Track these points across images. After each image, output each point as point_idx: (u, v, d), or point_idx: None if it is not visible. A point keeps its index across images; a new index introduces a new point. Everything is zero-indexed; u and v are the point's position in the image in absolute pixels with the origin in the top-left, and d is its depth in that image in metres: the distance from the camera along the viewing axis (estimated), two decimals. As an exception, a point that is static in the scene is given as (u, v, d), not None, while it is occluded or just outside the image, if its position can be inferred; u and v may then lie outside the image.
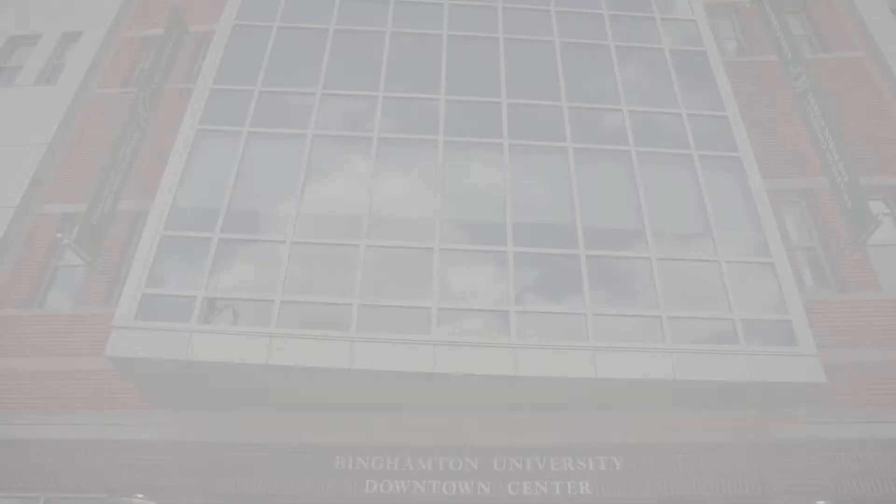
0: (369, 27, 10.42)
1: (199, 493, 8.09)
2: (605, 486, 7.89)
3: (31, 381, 9.39)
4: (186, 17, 11.83)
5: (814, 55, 11.59)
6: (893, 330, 8.76)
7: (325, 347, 7.33)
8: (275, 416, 8.45)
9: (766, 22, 11.27)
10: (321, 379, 7.61)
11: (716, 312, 7.99)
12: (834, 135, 9.21)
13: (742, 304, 8.01)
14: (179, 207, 8.48)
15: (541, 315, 7.83)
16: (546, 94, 9.68)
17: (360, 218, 8.32)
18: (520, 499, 7.94)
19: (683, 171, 9.10)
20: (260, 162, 9.02)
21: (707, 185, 8.85)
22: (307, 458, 8.22)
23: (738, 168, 9.09)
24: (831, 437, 8.05)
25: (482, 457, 8.11)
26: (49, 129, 11.47)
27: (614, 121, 9.54)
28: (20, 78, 12.60)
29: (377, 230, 8.26)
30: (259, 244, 8.28)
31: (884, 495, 7.79)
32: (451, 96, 9.56)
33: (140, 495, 7.85)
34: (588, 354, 7.42)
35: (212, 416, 8.53)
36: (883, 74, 11.19)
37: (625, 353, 7.51)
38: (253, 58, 10.00)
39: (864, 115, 10.68)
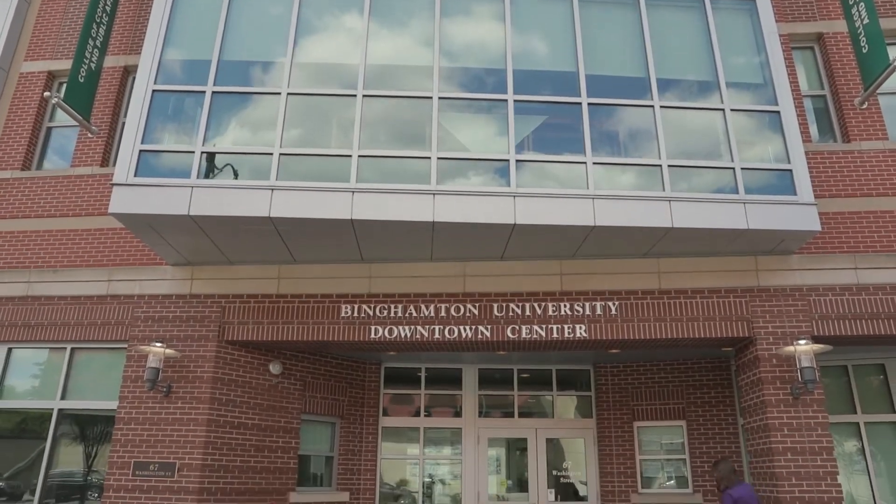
0: None
1: (213, 342, 8.52)
2: (600, 329, 8.25)
3: (40, 241, 9.63)
4: None
5: None
6: (894, 179, 8.78)
7: (325, 199, 7.38)
8: (282, 268, 8.74)
9: None
10: (323, 230, 7.74)
11: (716, 161, 7.96)
12: (856, -27, 8.70)
13: (744, 153, 7.97)
14: (168, 60, 8.18)
15: (541, 164, 7.80)
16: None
17: (357, 69, 8.05)
18: (519, 342, 8.35)
19: (693, 15, 8.66)
20: (250, 10, 8.57)
21: (717, 30, 8.46)
22: (314, 307, 8.58)
23: (751, 11, 8.65)
24: (821, 283, 8.29)
25: (483, 303, 8.42)
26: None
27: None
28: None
29: (374, 81, 8.02)
30: (254, 97, 8.07)
31: (870, 336, 8.14)
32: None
33: (158, 344, 8.26)
34: (587, 203, 7.48)
35: (221, 270, 8.81)
36: None
37: (624, 201, 7.57)
38: None
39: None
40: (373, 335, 8.36)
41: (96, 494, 8.48)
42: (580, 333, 8.22)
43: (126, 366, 8.59)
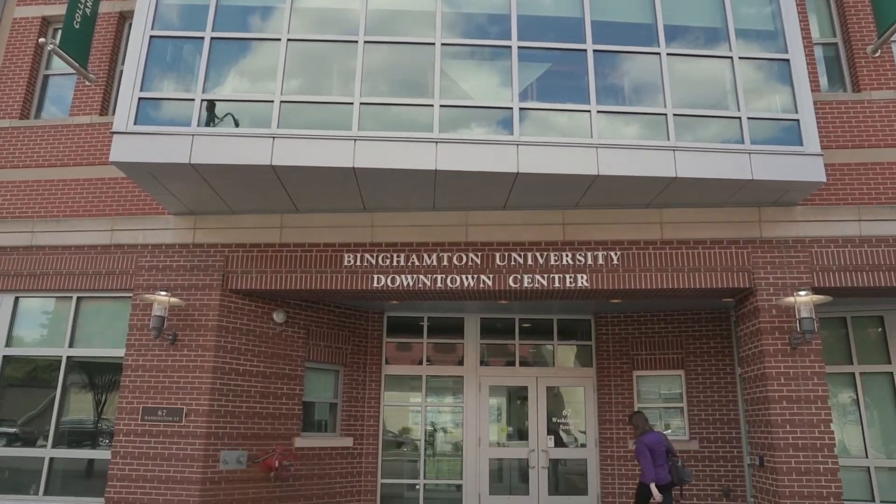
0: None
1: (217, 290, 8.59)
2: (601, 279, 8.28)
3: (42, 191, 9.62)
4: None
5: None
6: (902, 129, 8.68)
7: (327, 147, 7.32)
8: (284, 217, 8.74)
9: None
10: (325, 179, 7.71)
11: (723, 111, 7.86)
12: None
13: (751, 103, 7.85)
14: (165, 5, 7.99)
15: (544, 112, 7.70)
16: None
17: (358, 14, 7.87)
18: (520, 291, 8.40)
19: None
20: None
21: (729, -27, 8.23)
22: (317, 256, 8.61)
23: (764, -47, 8.40)
24: (823, 235, 8.27)
25: (485, 252, 8.44)
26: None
27: None
28: None
29: (376, 28, 7.85)
30: (254, 43, 7.92)
31: (870, 288, 8.16)
32: None
33: (163, 293, 8.33)
34: (590, 152, 7.42)
35: (223, 219, 8.82)
36: None
37: (627, 150, 7.50)
38: None
39: None
40: (375, 284, 8.42)
41: (107, 441, 8.69)
42: (582, 283, 8.27)
43: (132, 314, 8.69)
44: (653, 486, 7.56)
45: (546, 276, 8.32)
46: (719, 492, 9.56)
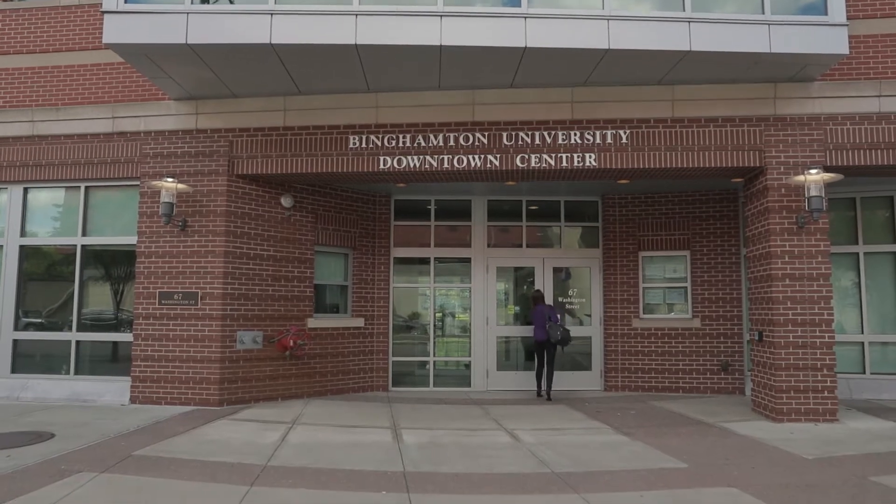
0: None
1: (224, 176, 8.58)
2: (610, 158, 8.19)
3: (37, 79, 9.41)
4: None
5: None
6: (933, -4, 8.21)
7: (328, 23, 7.03)
8: (287, 99, 8.56)
9: None
10: (327, 58, 7.47)
11: (744, -23, 7.43)
12: None
13: (775, -32, 7.40)
14: None
15: (555, -19, 7.32)
16: None
17: None
18: (528, 171, 8.34)
19: None
20: None
21: None
22: (322, 138, 8.51)
23: None
24: (840, 112, 8.05)
25: (492, 132, 8.31)
26: None
27: None
28: None
29: None
30: None
31: (884, 166, 8.03)
32: None
33: (169, 179, 8.34)
34: (601, 24, 7.09)
35: (225, 103, 8.66)
36: None
37: (640, 22, 7.17)
38: None
39: None
40: (381, 166, 8.36)
41: (128, 330, 9.00)
42: (590, 162, 8.19)
43: (140, 202, 8.75)
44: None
45: (554, 155, 8.23)
46: (718, 366, 9.94)
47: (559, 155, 8.21)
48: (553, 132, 8.25)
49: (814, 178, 7.68)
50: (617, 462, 5.75)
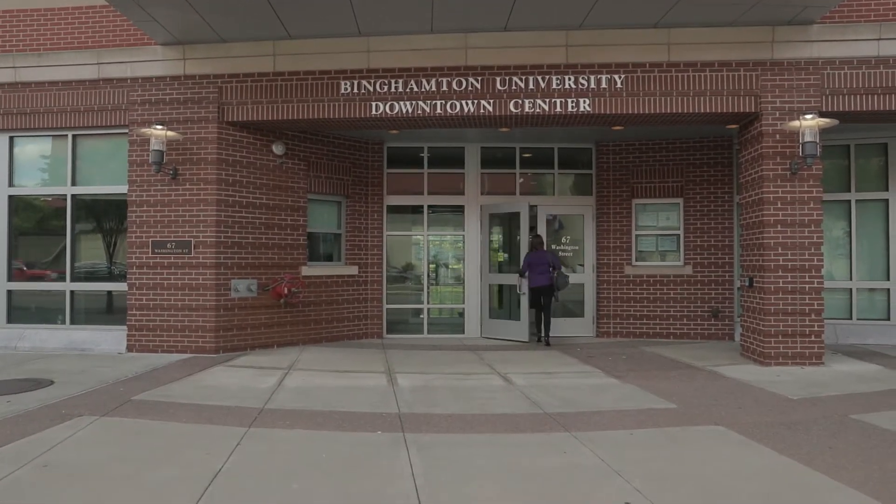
0: None
1: (214, 123, 8.46)
2: (604, 103, 8.09)
3: (17, 23, 9.16)
4: None
5: None
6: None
7: (316, -38, 6.83)
8: (277, 43, 8.36)
9: None
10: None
11: (745, -85, 7.21)
12: None
13: None
14: None
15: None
16: None
17: None
18: (521, 117, 8.24)
19: None
20: None
21: None
22: (312, 84, 8.36)
23: None
24: (838, 56, 7.93)
25: (485, 76, 8.17)
26: None
27: None
28: None
29: None
30: None
31: (881, 112, 7.97)
32: None
33: (159, 126, 8.21)
34: (599, -37, 6.92)
35: (214, 48, 8.46)
36: None
37: (638, -39, 7.00)
38: None
39: None
40: (373, 111, 8.24)
41: (121, 280, 9.00)
42: (584, 108, 8.09)
43: (130, 150, 8.64)
44: (524, 283, 9.92)
45: (548, 100, 8.12)
46: (708, 312, 10.08)
47: (553, 100, 8.11)
48: (547, 77, 8.12)
49: (809, 123, 7.62)
50: (608, 403, 5.89)
